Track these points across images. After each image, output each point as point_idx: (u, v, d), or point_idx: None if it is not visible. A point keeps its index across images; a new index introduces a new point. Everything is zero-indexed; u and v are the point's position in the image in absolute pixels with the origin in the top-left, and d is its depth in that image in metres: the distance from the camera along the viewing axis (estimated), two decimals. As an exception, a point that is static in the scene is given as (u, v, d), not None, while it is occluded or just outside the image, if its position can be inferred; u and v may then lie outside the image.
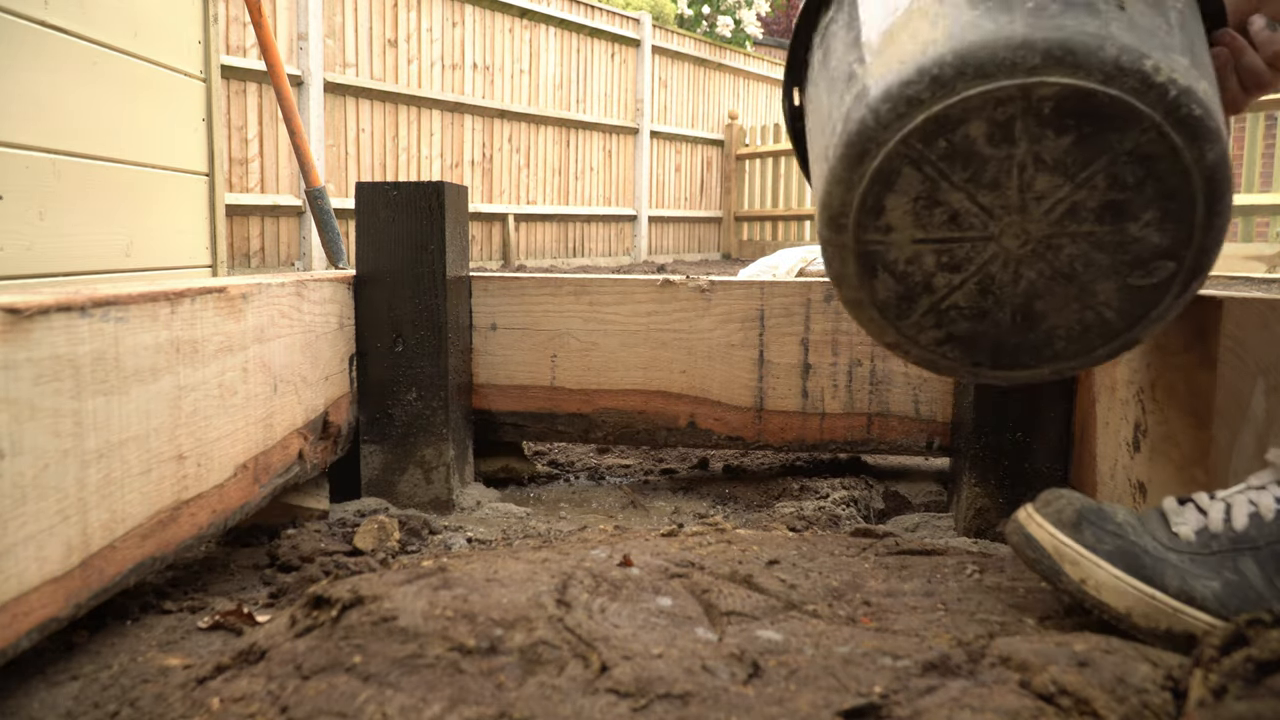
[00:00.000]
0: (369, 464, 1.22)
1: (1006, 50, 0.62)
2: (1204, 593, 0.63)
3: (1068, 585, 0.66)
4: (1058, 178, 0.67)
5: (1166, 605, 0.64)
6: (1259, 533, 0.64)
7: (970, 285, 0.73)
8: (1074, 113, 0.64)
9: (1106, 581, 0.65)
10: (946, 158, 0.67)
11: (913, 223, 0.70)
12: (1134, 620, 0.64)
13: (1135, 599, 0.64)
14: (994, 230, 0.70)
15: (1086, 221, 0.69)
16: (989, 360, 0.76)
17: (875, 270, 0.72)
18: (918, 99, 0.64)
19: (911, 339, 0.76)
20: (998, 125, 0.65)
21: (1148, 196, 0.68)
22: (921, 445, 1.30)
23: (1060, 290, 0.72)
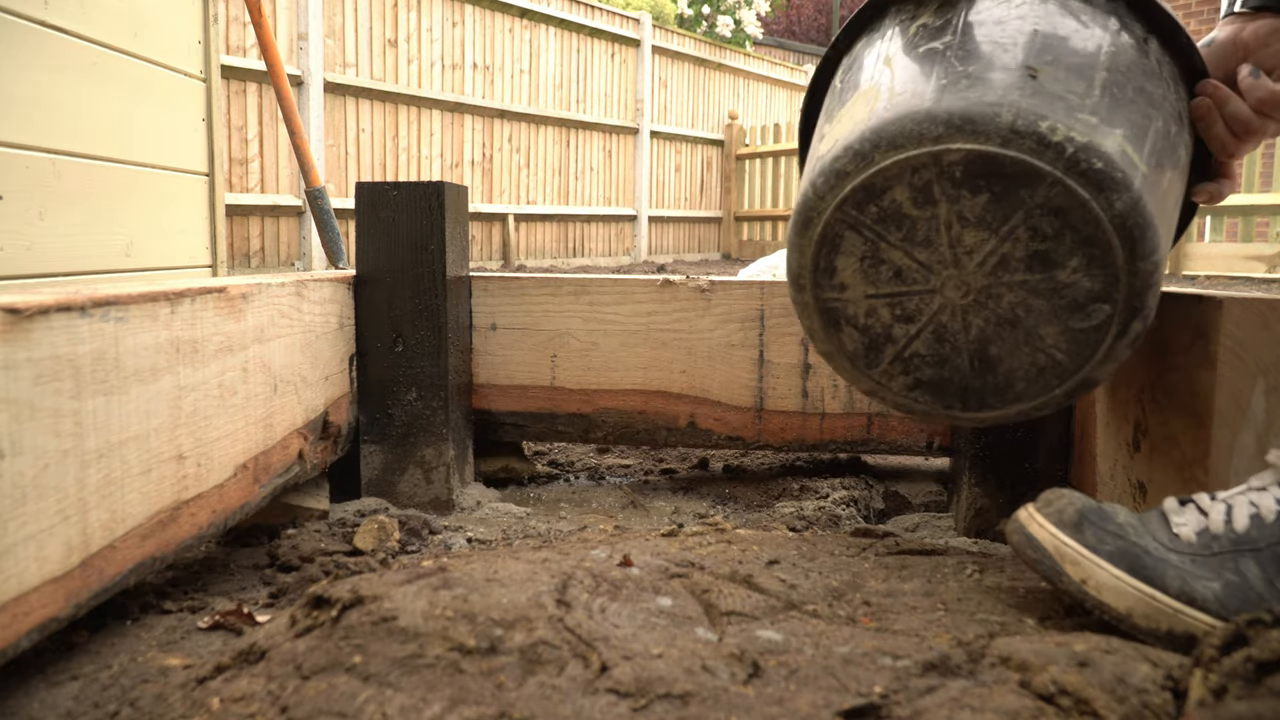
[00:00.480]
0: (369, 464, 1.22)
1: (913, 123, 0.70)
2: (1205, 593, 0.63)
3: (1069, 586, 0.67)
4: (983, 232, 0.73)
5: (1167, 606, 0.64)
6: (1260, 534, 0.64)
7: (926, 334, 0.78)
8: (982, 174, 0.70)
9: (1107, 582, 0.65)
10: (880, 221, 0.74)
11: (863, 280, 0.77)
12: (1135, 621, 0.65)
13: (1136, 599, 0.65)
14: (936, 283, 0.76)
15: (1018, 271, 0.74)
16: (959, 403, 0.81)
17: (839, 324, 0.79)
18: (844, 171, 0.73)
19: (885, 385, 0.82)
20: (918, 189, 0.72)
21: (1069, 245, 0.72)
22: (921, 445, 1.30)
23: (1009, 335, 0.77)
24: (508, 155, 6.61)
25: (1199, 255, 5.42)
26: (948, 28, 0.77)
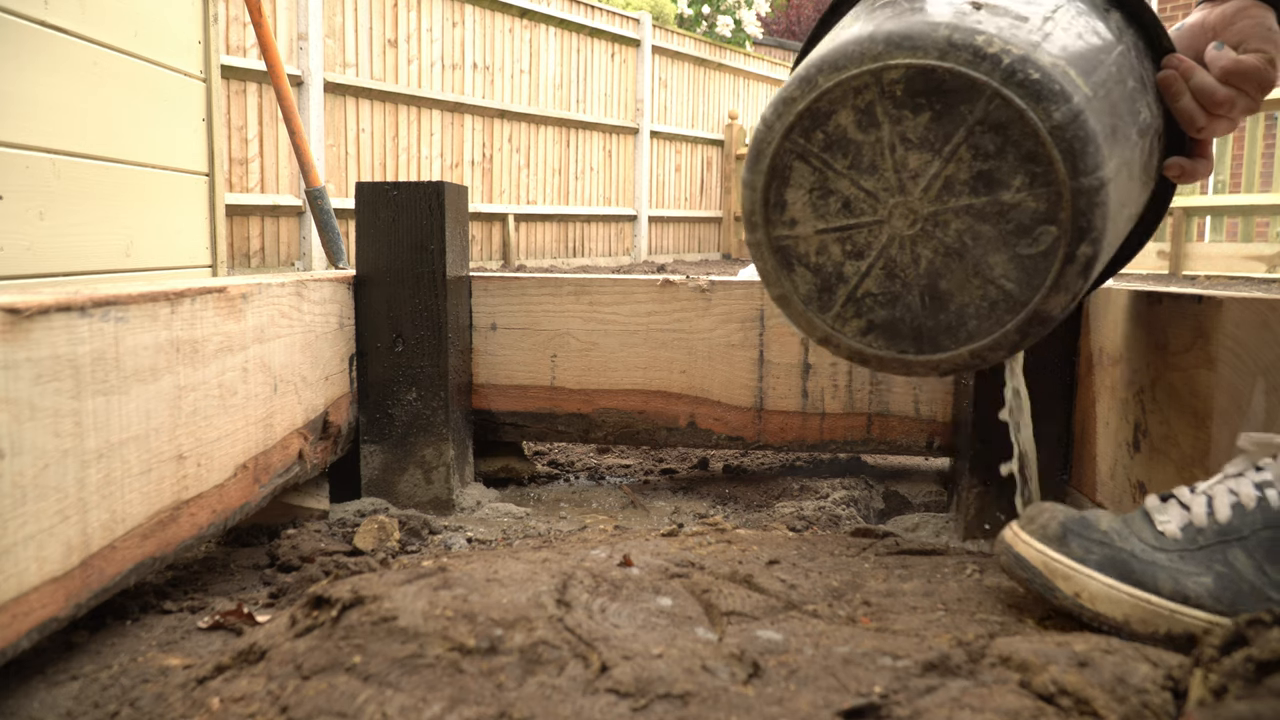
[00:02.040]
0: (369, 464, 1.22)
1: (855, 45, 0.71)
2: (1198, 590, 0.63)
3: (1064, 601, 0.67)
4: (926, 154, 0.73)
5: (1163, 608, 0.64)
6: (1243, 522, 0.65)
7: (877, 270, 0.77)
8: (923, 90, 0.71)
9: (1100, 592, 0.65)
10: (826, 148, 0.74)
11: (813, 214, 0.76)
12: (1133, 627, 0.65)
13: (1131, 606, 0.65)
14: (883, 213, 0.75)
15: (963, 194, 0.74)
16: (913, 347, 0.79)
17: (791, 264, 0.78)
18: (791, 98, 0.73)
19: (839, 331, 0.80)
20: (861, 111, 0.72)
21: (1011, 162, 0.72)
22: (921, 445, 1.30)
23: (957, 266, 0.76)
24: (508, 155, 6.61)
25: (1199, 255, 5.42)
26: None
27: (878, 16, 0.77)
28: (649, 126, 7.89)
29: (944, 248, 0.75)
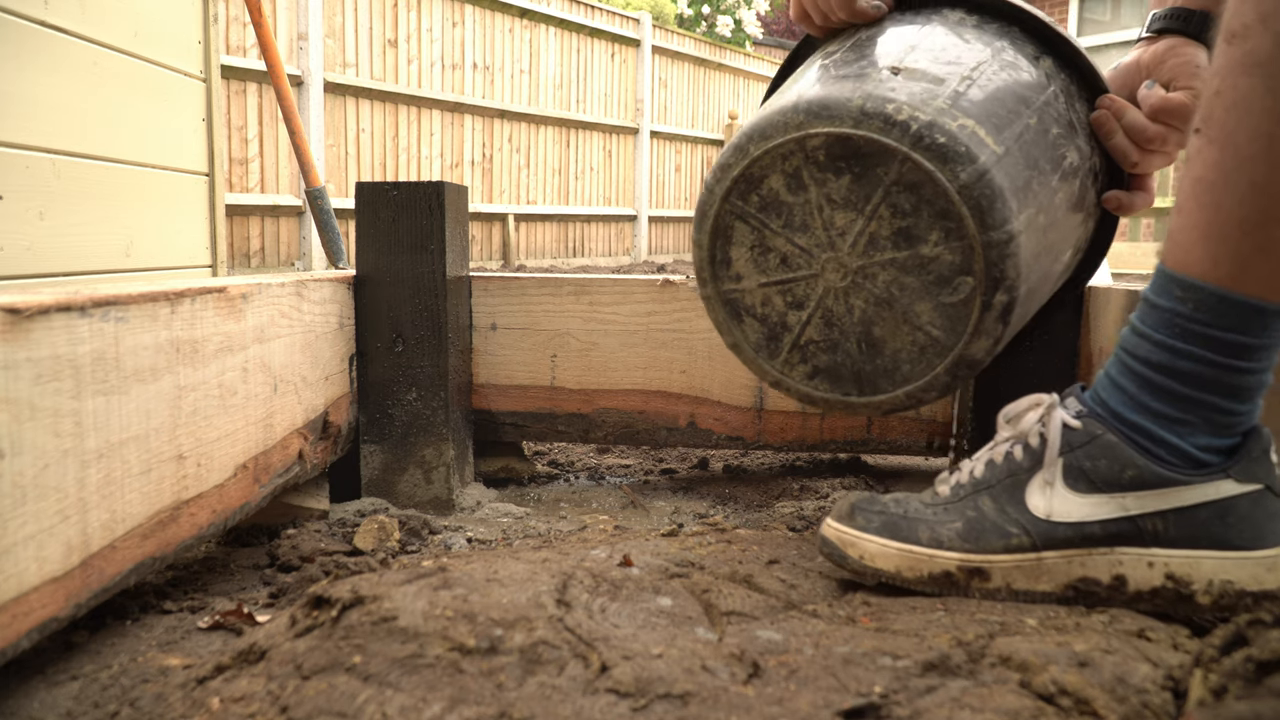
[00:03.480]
0: (369, 464, 1.22)
1: (780, 115, 0.77)
2: (949, 534, 0.75)
3: (853, 565, 0.77)
4: (850, 213, 0.79)
5: (922, 554, 0.75)
6: (992, 474, 0.76)
7: (816, 319, 0.84)
8: (842, 155, 0.77)
9: (876, 551, 0.76)
10: (762, 209, 0.80)
11: (755, 269, 0.83)
12: (905, 575, 0.75)
13: (899, 558, 0.75)
14: (817, 267, 0.82)
15: (886, 249, 0.80)
16: (855, 389, 0.86)
17: (741, 315, 0.85)
18: (728, 164, 0.79)
19: (788, 375, 0.87)
20: (790, 176, 0.78)
21: (926, 219, 0.77)
22: (921, 445, 1.30)
23: (888, 315, 0.82)
24: (508, 155, 6.62)
25: (1199, 255, 5.39)
26: (841, 49, 0.86)
27: (811, 77, 0.83)
28: (649, 126, 7.90)
29: (874, 298, 0.81)
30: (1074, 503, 0.73)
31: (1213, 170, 0.68)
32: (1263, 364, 0.69)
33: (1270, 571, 0.70)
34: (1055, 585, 0.73)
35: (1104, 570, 0.72)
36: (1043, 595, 0.73)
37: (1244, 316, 0.67)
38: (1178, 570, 0.70)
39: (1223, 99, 0.67)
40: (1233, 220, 0.67)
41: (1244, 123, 0.66)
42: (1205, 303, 0.68)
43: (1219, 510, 0.70)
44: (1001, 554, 0.74)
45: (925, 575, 0.75)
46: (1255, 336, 0.68)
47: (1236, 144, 0.66)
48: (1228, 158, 0.67)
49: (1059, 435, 0.74)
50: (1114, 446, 0.72)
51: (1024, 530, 0.74)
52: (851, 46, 0.85)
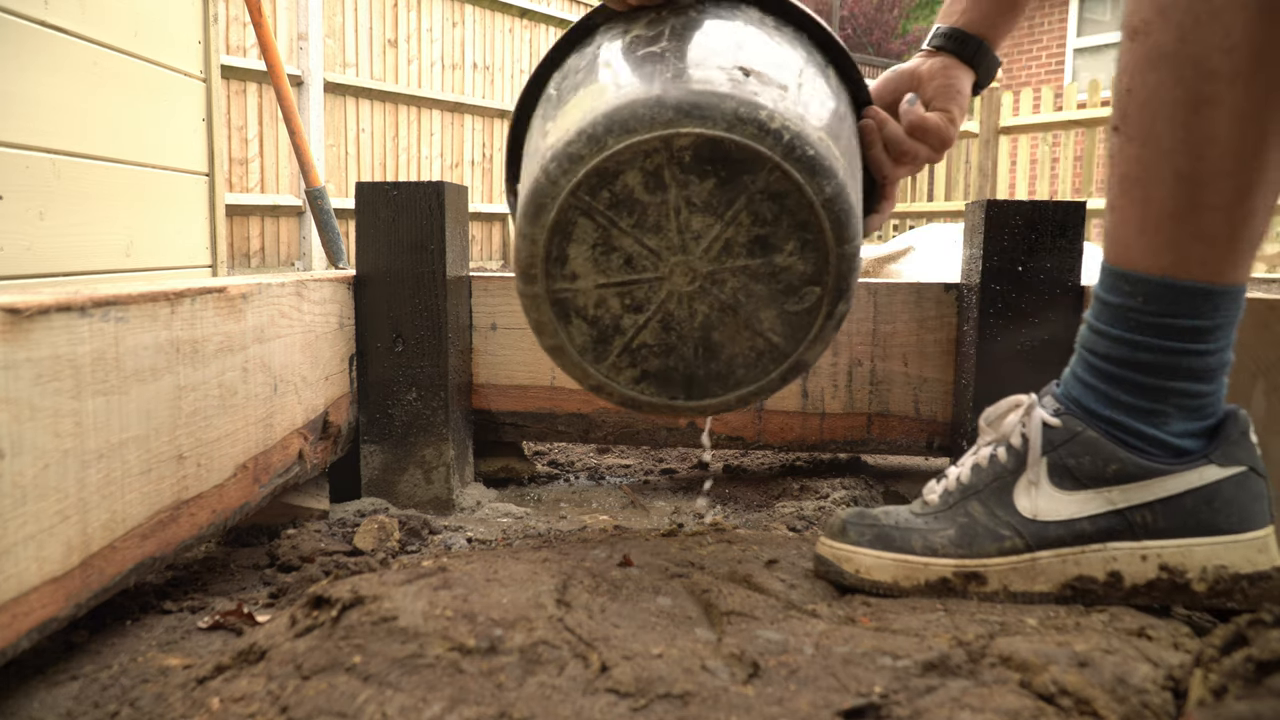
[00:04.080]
0: (369, 464, 1.22)
1: (645, 108, 0.72)
2: (943, 541, 0.75)
3: (851, 579, 0.77)
4: (709, 217, 0.76)
5: (918, 563, 0.75)
6: (979, 478, 0.77)
7: (654, 323, 0.81)
8: (709, 158, 0.73)
9: (871, 563, 0.76)
10: (612, 206, 0.75)
11: (594, 269, 0.78)
12: (902, 586, 0.75)
13: (895, 568, 0.76)
14: (664, 270, 0.78)
15: (740, 256, 0.78)
16: (684, 393, 0.84)
17: (569, 316, 0.80)
18: (579, 155, 0.73)
19: (612, 380, 0.82)
20: (649, 174, 0.74)
21: (786, 229, 0.77)
22: (921, 445, 1.30)
23: (730, 321, 0.81)
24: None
25: (1199, 255, 5.40)
26: (661, 36, 0.80)
27: (649, 67, 0.77)
28: (649, 126, 7.88)
29: (719, 304, 0.80)
30: (1062, 501, 0.73)
31: (1137, 166, 0.69)
32: (1221, 343, 0.71)
33: (1261, 552, 0.70)
34: (1052, 585, 0.73)
35: (1098, 567, 0.72)
36: (1040, 596, 0.73)
37: (1193, 301, 0.69)
38: (1171, 560, 0.71)
39: (1135, 96, 0.68)
40: (1165, 212, 0.68)
41: (1159, 117, 0.67)
42: (1154, 294, 0.70)
43: (1205, 496, 0.70)
44: (996, 557, 0.74)
45: (922, 584, 0.75)
46: (1208, 318, 0.69)
47: (1156, 138, 0.67)
48: (1149, 153, 0.68)
49: (1040, 434, 0.75)
50: (1095, 442, 0.72)
51: (1016, 532, 0.74)
52: (671, 34, 0.80)
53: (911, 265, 1.96)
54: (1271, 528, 0.71)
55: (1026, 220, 1.17)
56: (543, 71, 0.90)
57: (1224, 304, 0.69)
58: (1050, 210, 1.17)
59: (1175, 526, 0.70)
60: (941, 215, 6.62)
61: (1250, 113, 0.64)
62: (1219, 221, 0.67)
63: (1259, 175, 0.65)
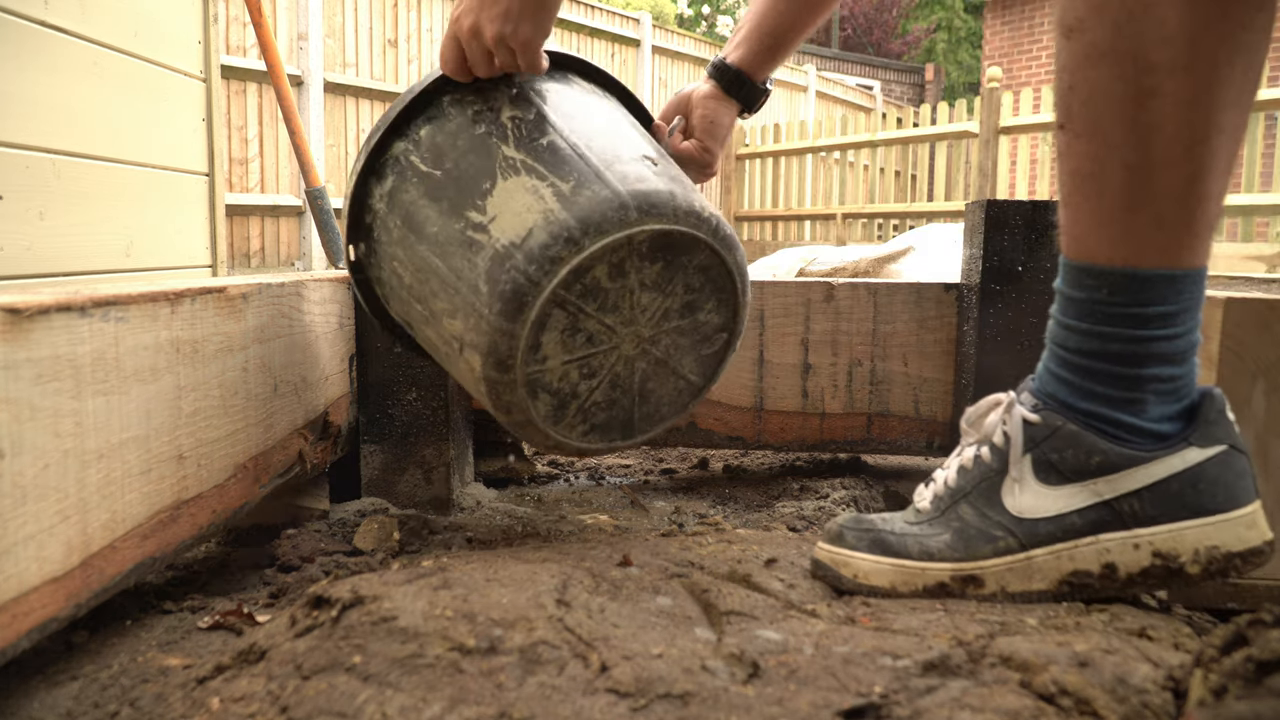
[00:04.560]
0: (369, 464, 1.22)
1: (612, 210, 0.81)
2: (939, 545, 0.76)
3: (849, 585, 0.77)
4: (654, 293, 0.87)
5: (915, 568, 0.76)
6: (966, 480, 0.78)
7: (604, 384, 0.90)
8: (660, 246, 0.85)
9: (869, 568, 0.77)
10: (582, 296, 0.83)
11: (562, 349, 0.85)
12: (900, 590, 0.76)
13: (893, 573, 0.76)
14: (617, 340, 0.88)
15: (674, 319, 0.90)
16: (621, 435, 0.94)
17: (537, 393, 0.86)
18: (558, 257, 0.80)
19: (565, 437, 0.90)
20: (615, 265, 0.83)
21: (708, 293, 0.91)
22: (921, 445, 1.30)
23: (662, 371, 0.93)
24: (508, 155, 6.60)
25: (1199, 255, 5.39)
26: (545, 122, 0.88)
27: (573, 164, 0.84)
28: (649, 126, 7.88)
29: (654, 359, 0.91)
30: (1049, 496, 0.73)
31: (1087, 162, 0.69)
32: (1188, 325, 0.71)
33: (1251, 529, 0.70)
34: (1048, 583, 0.73)
35: (1092, 560, 0.72)
36: (1038, 595, 0.73)
37: (1157, 288, 0.69)
38: (1162, 546, 0.71)
39: (1078, 93, 0.69)
40: (1119, 204, 0.68)
41: (1104, 112, 0.67)
42: (1117, 285, 0.70)
43: (1189, 479, 0.70)
44: (991, 559, 0.74)
45: (920, 588, 0.75)
46: (1173, 303, 0.70)
47: (1103, 133, 0.68)
48: (1097, 148, 0.68)
49: (1021, 432, 0.75)
50: (1076, 435, 0.72)
51: (1008, 532, 0.74)
52: (538, 119, 0.88)
53: (911, 265, 1.96)
54: (1259, 502, 0.72)
55: (1026, 220, 1.17)
56: (386, 139, 0.93)
57: (1187, 287, 0.69)
58: (1050, 210, 1.17)
59: (1164, 512, 0.71)
60: (941, 215, 6.62)
61: (1193, 100, 0.64)
62: (1173, 209, 0.67)
63: (1209, 161, 0.66)
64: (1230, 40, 0.64)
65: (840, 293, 1.29)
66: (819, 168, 7.50)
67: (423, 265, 0.88)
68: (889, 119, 7.02)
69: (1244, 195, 5.22)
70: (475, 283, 0.82)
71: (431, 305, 0.88)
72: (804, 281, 1.31)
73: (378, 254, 0.94)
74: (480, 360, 0.83)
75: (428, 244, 0.87)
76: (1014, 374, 1.16)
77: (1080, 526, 0.72)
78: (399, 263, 0.91)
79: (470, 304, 0.83)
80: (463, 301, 0.84)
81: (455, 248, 0.85)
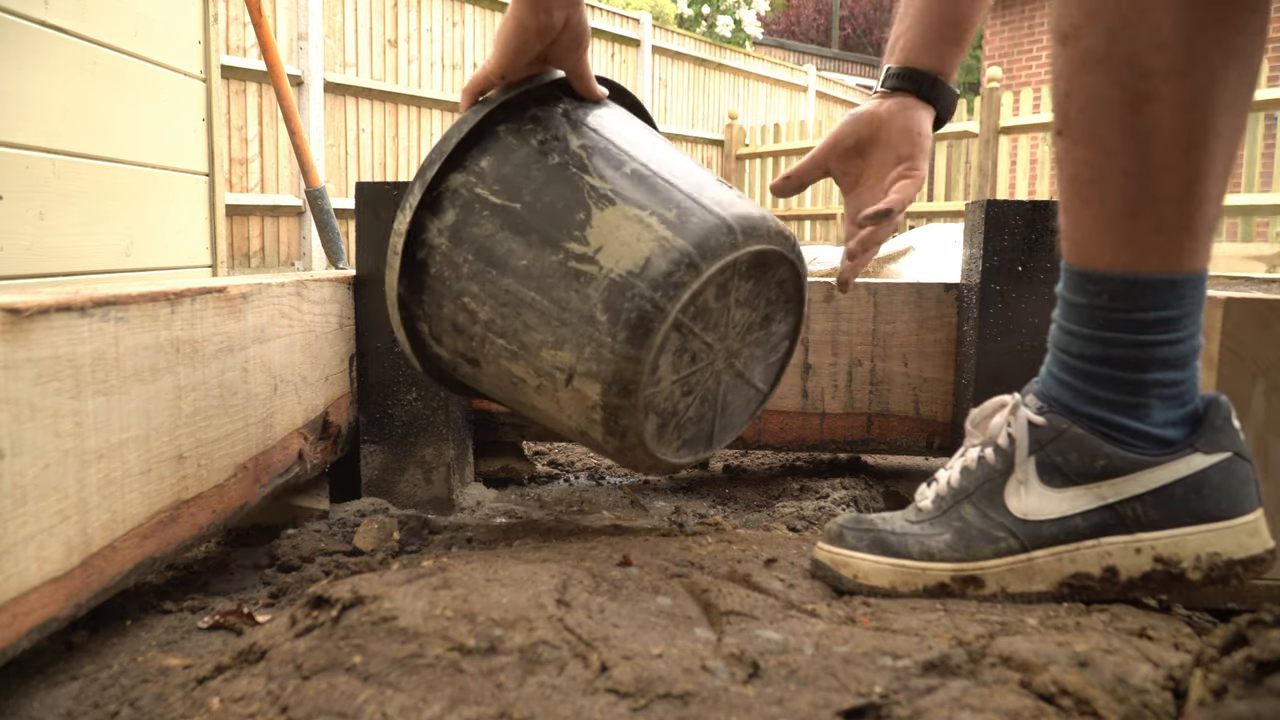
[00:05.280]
0: (369, 464, 1.22)
1: (722, 235, 0.83)
2: (940, 546, 0.76)
3: (849, 585, 0.77)
4: (746, 309, 0.90)
5: (915, 568, 0.76)
6: (969, 481, 0.78)
7: (697, 400, 0.91)
8: (756, 264, 0.88)
9: (869, 568, 0.77)
10: (694, 318, 0.85)
11: (672, 370, 0.86)
12: (900, 591, 0.76)
13: (893, 573, 0.76)
14: (713, 357, 0.90)
15: (754, 330, 0.93)
16: (705, 447, 0.96)
17: (648, 415, 0.87)
18: (681, 283, 0.82)
19: (664, 455, 0.91)
20: (720, 286, 0.86)
21: (781, 304, 0.94)
22: (921, 445, 1.30)
23: (739, 383, 0.95)
24: (508, 155, 6.60)
25: (1199, 255, 5.38)
26: (618, 149, 0.89)
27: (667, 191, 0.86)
28: (649, 126, 7.88)
29: (735, 372, 0.94)
30: (1053, 499, 0.73)
31: (1086, 168, 0.69)
32: (1190, 329, 0.71)
33: (1253, 536, 0.70)
34: (1049, 585, 0.73)
35: (1094, 563, 0.72)
36: (1038, 596, 0.73)
37: (1158, 293, 0.69)
38: (1164, 551, 0.71)
39: (1074, 100, 0.68)
40: (1120, 210, 0.68)
41: (1101, 119, 0.67)
42: (1119, 291, 0.70)
43: (1193, 485, 0.70)
44: (992, 559, 0.74)
45: (920, 588, 0.75)
46: (1175, 308, 0.69)
47: (1100, 139, 0.67)
48: (1096, 155, 0.68)
49: (1026, 434, 0.75)
50: (1082, 438, 0.72)
51: (1010, 533, 0.74)
52: (609, 147, 0.88)
53: (911, 265, 1.96)
54: (1261, 510, 0.72)
55: (1026, 220, 1.17)
56: (443, 171, 0.90)
57: (1188, 291, 0.69)
58: (1050, 210, 1.17)
59: (1167, 517, 0.71)
60: (941, 215, 6.62)
61: (1190, 104, 0.64)
62: (1173, 213, 0.67)
63: (1207, 164, 0.66)
64: (1225, 44, 0.64)
65: (840, 293, 1.29)
66: (819, 168, 7.49)
67: (511, 299, 0.86)
68: (889, 119, 7.01)
69: (1244, 195, 5.22)
70: (590, 313, 0.83)
71: (524, 338, 0.86)
72: (804, 281, 1.30)
73: (432, 290, 0.91)
74: (601, 388, 0.83)
75: (516, 277, 0.86)
76: (1014, 374, 1.16)
77: (1083, 529, 0.72)
78: (472, 298, 0.88)
79: (586, 334, 0.83)
80: (572, 333, 0.83)
81: (557, 279, 0.84)
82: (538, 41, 0.87)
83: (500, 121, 0.91)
